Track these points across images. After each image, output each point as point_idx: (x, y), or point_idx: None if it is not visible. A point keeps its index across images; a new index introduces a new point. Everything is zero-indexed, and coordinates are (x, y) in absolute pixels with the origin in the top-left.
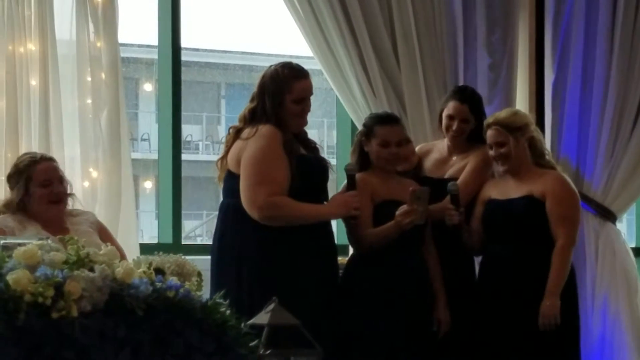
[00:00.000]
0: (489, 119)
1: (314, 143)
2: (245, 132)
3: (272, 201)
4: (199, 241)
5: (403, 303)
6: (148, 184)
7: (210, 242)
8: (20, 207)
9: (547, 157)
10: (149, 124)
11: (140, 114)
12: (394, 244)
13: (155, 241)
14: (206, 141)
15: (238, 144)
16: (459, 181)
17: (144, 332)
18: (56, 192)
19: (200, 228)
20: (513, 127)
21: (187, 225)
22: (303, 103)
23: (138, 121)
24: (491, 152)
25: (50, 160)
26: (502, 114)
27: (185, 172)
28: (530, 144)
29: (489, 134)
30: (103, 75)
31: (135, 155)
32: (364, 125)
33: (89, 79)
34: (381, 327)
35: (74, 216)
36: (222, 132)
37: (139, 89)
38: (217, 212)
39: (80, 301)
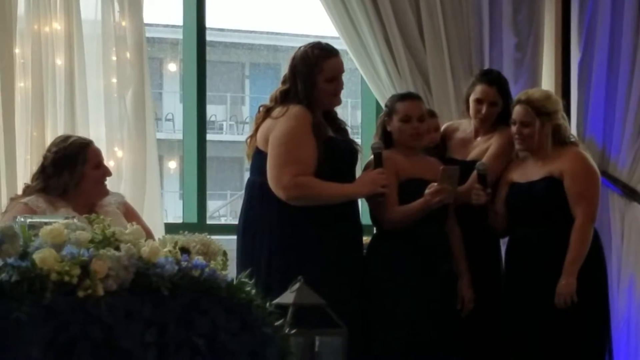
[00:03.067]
0: (521, 95)
1: (344, 124)
2: (276, 111)
3: (298, 181)
4: (222, 221)
5: (427, 281)
6: (172, 164)
7: (234, 221)
8: (55, 191)
9: (567, 139)
10: (173, 104)
11: (165, 94)
12: (418, 222)
13: (178, 221)
14: (230, 121)
15: (268, 122)
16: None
17: (170, 312)
18: (108, 173)
19: (224, 208)
20: (542, 111)
21: (211, 205)
22: (335, 81)
23: (162, 101)
24: (513, 128)
25: (91, 142)
26: (536, 94)
27: (209, 152)
28: (554, 130)
29: (517, 109)
30: (128, 55)
31: (159, 135)
32: (386, 105)
33: (114, 58)
34: (405, 305)
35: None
36: (246, 113)
37: (163, 68)
38: (241, 192)
39: (106, 280)
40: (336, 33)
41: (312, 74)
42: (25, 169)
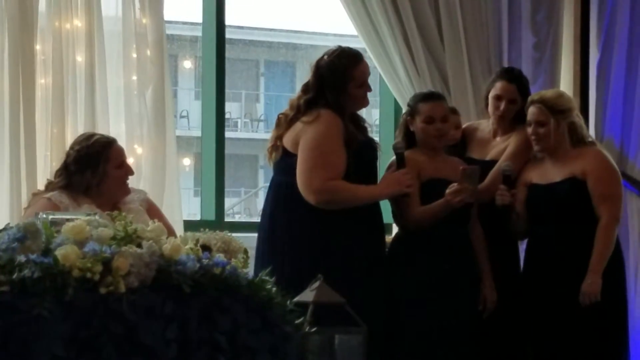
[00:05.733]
0: (534, 96)
1: (364, 121)
2: (306, 117)
3: (329, 186)
4: (236, 218)
5: (449, 281)
6: (187, 161)
7: (248, 219)
8: (78, 188)
9: (585, 138)
10: (188, 101)
11: (180, 91)
12: (440, 222)
13: (193, 218)
14: (245, 119)
15: (297, 126)
16: (496, 166)
17: (191, 309)
18: (130, 172)
19: (238, 205)
20: (556, 109)
21: (226, 202)
22: (365, 85)
23: (177, 98)
24: (529, 129)
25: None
26: (548, 93)
27: None
28: (570, 129)
29: (531, 110)
30: (148, 52)
31: None
32: (408, 105)
33: (135, 55)
34: (426, 305)
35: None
36: (260, 110)
37: (178, 66)
38: (255, 190)
39: (127, 277)
40: (355, 32)
41: (343, 83)
42: (45, 166)
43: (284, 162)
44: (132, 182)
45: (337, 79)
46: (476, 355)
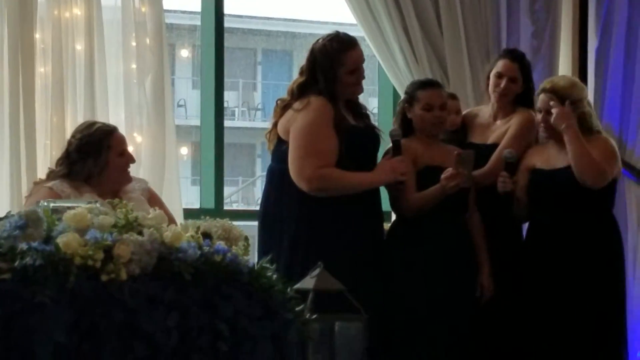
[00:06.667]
0: (546, 83)
1: (365, 109)
2: (297, 104)
3: (321, 173)
4: (234, 207)
5: (446, 268)
6: (184, 150)
7: (246, 207)
8: (79, 177)
9: (594, 127)
10: (186, 90)
11: (177, 80)
12: (437, 209)
13: (191, 207)
14: (242, 107)
15: (289, 113)
16: (501, 146)
17: (192, 296)
18: (132, 160)
19: (236, 194)
20: (568, 99)
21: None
22: (357, 72)
23: (175, 87)
24: (538, 117)
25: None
26: (561, 82)
27: None
28: (580, 118)
29: (542, 98)
30: (148, 41)
31: None
32: (406, 92)
33: (134, 44)
34: (423, 291)
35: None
36: (258, 99)
37: (175, 55)
38: (253, 179)
39: (129, 264)
40: (353, 20)
41: (333, 67)
42: (45, 154)
43: (278, 150)
44: (132, 170)
45: (328, 63)
46: (474, 342)
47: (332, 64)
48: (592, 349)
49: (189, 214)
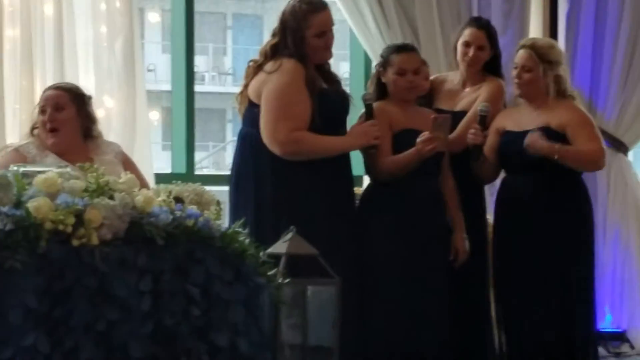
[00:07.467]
0: (526, 41)
1: (336, 76)
2: (269, 66)
3: (294, 137)
4: (205, 172)
5: (420, 231)
6: (154, 115)
7: (216, 172)
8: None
9: (567, 92)
10: (155, 55)
11: (146, 45)
12: (411, 174)
13: (161, 172)
14: (212, 72)
15: (261, 76)
16: (470, 112)
17: (164, 261)
18: (51, 120)
19: (207, 159)
20: (546, 59)
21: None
22: (325, 36)
23: (144, 52)
24: (514, 72)
25: (54, 88)
26: (541, 41)
27: None
28: (555, 81)
29: (520, 54)
30: (117, 4)
31: None
32: (381, 56)
33: (104, 7)
34: (398, 255)
35: (99, 146)
36: (228, 64)
37: (144, 19)
38: (223, 144)
39: (100, 229)
40: None
41: (301, 29)
42: (14, 119)
43: (249, 113)
44: (103, 134)
45: (296, 25)
46: (448, 305)
47: (299, 25)
48: (561, 309)
49: (161, 178)
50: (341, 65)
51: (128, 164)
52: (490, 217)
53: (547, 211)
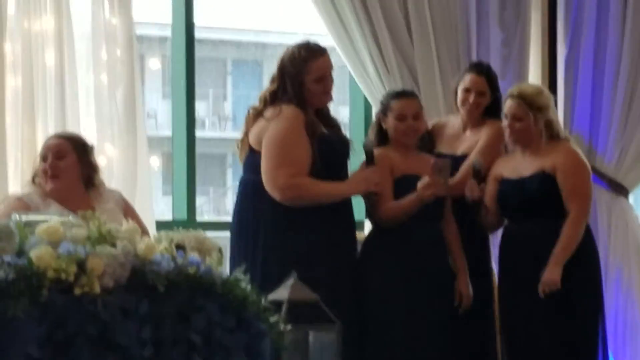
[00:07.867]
0: (514, 90)
1: (336, 120)
2: (269, 112)
3: (294, 183)
4: (205, 218)
5: (423, 277)
6: (155, 161)
7: (217, 218)
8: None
9: (560, 135)
10: (156, 101)
11: (147, 91)
12: (413, 218)
13: (162, 218)
14: (212, 117)
15: (260, 123)
16: (471, 156)
17: (166, 308)
18: (52, 167)
19: (207, 204)
20: (535, 106)
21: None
22: (324, 81)
23: (144, 98)
24: (505, 122)
25: (56, 137)
26: (529, 89)
27: None
28: (547, 126)
29: (509, 104)
30: (118, 52)
31: None
32: (381, 102)
33: (105, 56)
34: (400, 301)
35: (101, 194)
36: (228, 109)
37: (144, 66)
38: (224, 189)
39: (102, 277)
40: (324, 30)
41: (300, 75)
42: (16, 167)
43: (250, 160)
44: (104, 182)
45: (294, 71)
46: (452, 351)
47: (298, 71)
48: (569, 353)
49: (162, 225)
50: (341, 110)
51: (128, 211)
52: (494, 265)
53: (549, 255)
